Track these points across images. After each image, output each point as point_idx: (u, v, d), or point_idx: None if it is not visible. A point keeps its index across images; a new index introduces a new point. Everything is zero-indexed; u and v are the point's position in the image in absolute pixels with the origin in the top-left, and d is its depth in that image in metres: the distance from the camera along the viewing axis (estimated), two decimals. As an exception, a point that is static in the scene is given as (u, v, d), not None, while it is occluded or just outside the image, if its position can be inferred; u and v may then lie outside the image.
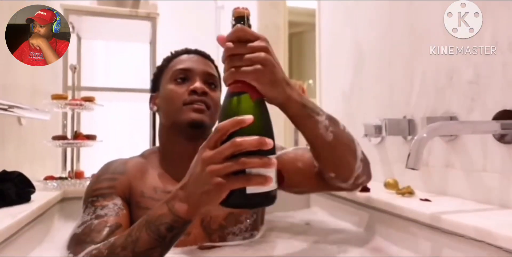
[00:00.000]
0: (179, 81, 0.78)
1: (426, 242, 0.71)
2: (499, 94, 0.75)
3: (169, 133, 0.79)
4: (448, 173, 0.86)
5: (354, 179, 0.68)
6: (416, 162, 0.63)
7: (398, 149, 1.06)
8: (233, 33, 0.52)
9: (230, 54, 0.52)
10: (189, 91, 0.76)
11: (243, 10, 0.52)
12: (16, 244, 0.69)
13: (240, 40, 0.52)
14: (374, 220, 0.87)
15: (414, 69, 0.99)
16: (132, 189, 0.76)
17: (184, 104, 0.75)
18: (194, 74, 0.78)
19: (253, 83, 0.52)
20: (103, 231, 0.64)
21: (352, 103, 1.31)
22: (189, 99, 0.75)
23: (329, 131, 0.63)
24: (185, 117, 0.74)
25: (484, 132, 0.74)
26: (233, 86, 0.52)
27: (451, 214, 0.67)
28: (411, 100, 1.01)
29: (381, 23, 1.15)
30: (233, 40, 0.52)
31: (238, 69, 0.51)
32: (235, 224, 0.76)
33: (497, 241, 0.55)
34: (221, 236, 0.75)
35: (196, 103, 0.75)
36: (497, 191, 0.74)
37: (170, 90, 0.77)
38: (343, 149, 0.66)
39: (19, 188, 0.84)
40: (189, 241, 0.73)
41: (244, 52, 0.52)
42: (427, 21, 0.95)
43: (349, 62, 1.33)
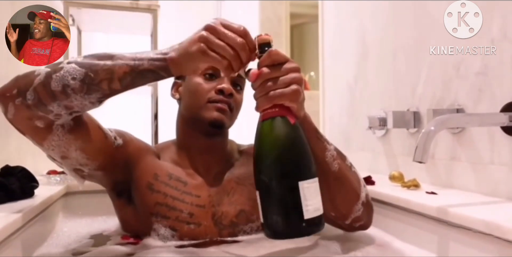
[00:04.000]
0: (207, 77, 0.76)
1: (432, 236, 0.70)
2: (507, 85, 0.73)
3: (188, 125, 0.79)
4: (454, 165, 0.86)
5: (352, 220, 0.69)
6: (424, 155, 0.62)
7: (403, 141, 1.05)
8: (269, 57, 0.53)
9: (267, 79, 0.53)
10: (216, 90, 0.74)
11: (267, 37, 0.54)
12: (21, 239, 0.69)
13: (274, 63, 0.54)
14: (379, 214, 0.86)
15: (419, 60, 0.98)
16: (145, 164, 0.75)
17: (209, 102, 0.74)
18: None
19: (291, 104, 0.54)
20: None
21: (356, 95, 1.30)
22: (215, 98, 0.74)
23: (336, 161, 0.66)
24: (208, 115, 0.74)
25: (492, 124, 0.73)
26: (271, 112, 0.53)
27: (458, 207, 0.67)
28: (416, 92, 0.99)
29: (386, 13, 1.13)
30: (268, 65, 0.53)
31: (277, 92, 0.53)
32: (246, 223, 0.76)
33: (505, 235, 0.54)
34: (231, 232, 0.75)
35: (221, 103, 0.74)
36: (504, 183, 0.73)
37: (198, 84, 0.76)
38: (346, 184, 0.68)
39: (22, 183, 0.83)
40: (200, 233, 0.73)
41: (279, 75, 0.53)
42: (432, 11, 0.93)
43: (353, 53, 1.31)
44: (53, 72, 0.58)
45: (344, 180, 0.67)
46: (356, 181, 0.69)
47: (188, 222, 0.72)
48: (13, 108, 0.59)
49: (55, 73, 0.58)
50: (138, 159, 0.75)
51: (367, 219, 0.72)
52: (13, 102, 0.59)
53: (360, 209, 0.69)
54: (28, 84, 0.58)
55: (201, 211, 0.74)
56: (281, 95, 0.53)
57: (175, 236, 0.72)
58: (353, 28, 1.32)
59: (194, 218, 0.73)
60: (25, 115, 0.60)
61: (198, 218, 0.73)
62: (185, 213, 0.72)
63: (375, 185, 0.93)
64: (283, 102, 0.53)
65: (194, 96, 0.76)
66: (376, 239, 0.77)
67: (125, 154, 0.74)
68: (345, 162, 0.69)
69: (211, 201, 0.75)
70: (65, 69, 0.57)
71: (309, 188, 0.50)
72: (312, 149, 0.59)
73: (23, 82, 0.59)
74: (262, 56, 0.54)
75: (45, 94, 0.58)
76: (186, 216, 0.72)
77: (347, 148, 1.36)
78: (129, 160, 0.74)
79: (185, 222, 0.72)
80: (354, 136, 1.33)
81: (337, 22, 1.47)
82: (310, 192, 0.50)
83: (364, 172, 1.11)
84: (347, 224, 0.70)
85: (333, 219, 0.71)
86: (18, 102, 0.59)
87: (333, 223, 0.73)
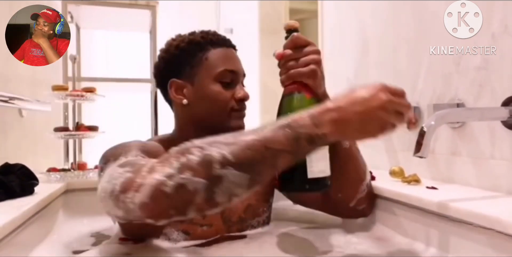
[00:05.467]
0: (225, 85, 0.75)
1: (433, 231, 0.70)
2: (508, 80, 0.73)
3: (203, 130, 0.66)
4: (454, 160, 0.85)
5: (356, 202, 0.74)
6: (424, 150, 0.62)
7: (403, 137, 1.05)
8: (291, 41, 0.62)
9: (289, 59, 0.61)
10: (237, 99, 0.75)
11: (294, 24, 0.63)
12: (21, 237, 0.69)
13: (296, 46, 0.62)
14: (380, 209, 0.86)
15: (420, 55, 0.97)
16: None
17: (232, 111, 0.75)
18: (239, 77, 0.77)
19: (308, 82, 0.61)
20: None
21: (356, 91, 1.30)
22: (238, 107, 0.75)
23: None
24: (234, 124, 0.74)
25: (492, 119, 0.73)
26: (291, 87, 0.61)
27: (459, 202, 0.66)
28: (416, 87, 0.99)
29: (386, 9, 1.12)
30: (290, 47, 0.62)
31: (296, 70, 0.60)
32: (253, 217, 0.77)
33: (507, 229, 0.54)
34: (239, 228, 0.76)
35: (242, 111, 0.76)
36: (505, 178, 0.73)
37: (218, 92, 0.74)
38: (355, 162, 0.73)
39: (22, 181, 0.83)
40: (211, 233, 0.73)
41: (300, 56, 0.61)
42: (432, 7, 0.92)
43: (353, 48, 1.31)
44: (213, 185, 0.47)
45: (353, 159, 0.73)
46: (363, 163, 0.75)
47: (201, 224, 0.72)
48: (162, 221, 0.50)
49: (216, 187, 0.47)
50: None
51: (369, 203, 0.76)
52: (168, 220, 0.49)
53: (364, 189, 0.74)
54: (186, 203, 0.47)
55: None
56: (299, 73, 0.60)
57: (187, 239, 0.71)
58: (353, 24, 1.31)
59: (207, 219, 0.73)
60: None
61: (210, 218, 0.73)
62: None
63: (375, 180, 0.93)
64: (301, 79, 0.61)
65: (215, 105, 0.74)
66: (376, 233, 0.77)
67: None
68: (355, 143, 0.73)
69: None
70: (227, 180, 0.47)
71: (316, 152, 0.55)
72: None
73: (178, 201, 0.47)
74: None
75: (208, 207, 0.48)
76: (199, 218, 0.72)
77: (348, 143, 1.36)
78: None
79: (199, 224, 0.72)
80: (354, 132, 1.32)
81: (336, 18, 1.46)
82: (317, 156, 0.57)
83: (364, 167, 1.11)
84: (351, 207, 0.74)
85: (339, 202, 0.73)
86: (173, 218, 0.49)
87: (337, 209, 0.75)
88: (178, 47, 0.76)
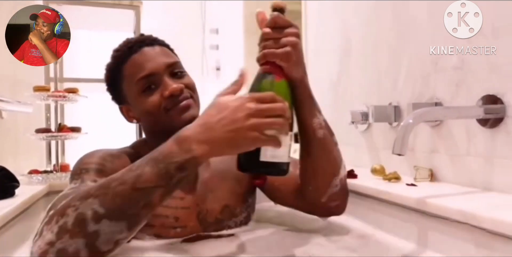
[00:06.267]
0: (148, 91, 0.71)
1: (412, 226, 0.72)
2: (483, 79, 0.75)
3: (159, 136, 0.65)
4: (433, 157, 0.88)
5: (328, 197, 0.70)
6: (402, 148, 0.64)
7: (384, 135, 1.07)
8: (271, 19, 0.59)
9: (266, 38, 0.59)
10: (165, 97, 0.70)
11: (279, 3, 0.61)
12: (2, 239, 0.68)
13: (275, 26, 0.59)
14: (361, 206, 0.88)
15: (400, 55, 1.00)
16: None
17: (167, 110, 0.70)
18: (159, 74, 0.72)
19: (281, 64, 0.59)
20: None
21: (339, 90, 1.32)
22: (171, 104, 0.70)
23: (322, 130, 0.67)
24: (176, 122, 0.67)
25: (468, 117, 0.75)
26: (264, 67, 0.59)
27: (436, 198, 0.68)
28: (397, 87, 1.01)
29: (367, 11, 1.14)
30: (270, 26, 0.59)
31: (270, 50, 0.58)
32: (230, 218, 0.76)
33: (481, 223, 0.56)
34: (216, 229, 0.74)
35: (181, 102, 0.70)
36: (480, 174, 0.76)
37: (144, 102, 0.71)
38: (328, 154, 0.69)
39: (2, 183, 0.82)
40: (185, 234, 0.72)
41: (279, 36, 0.59)
42: (412, 8, 0.95)
43: (336, 50, 1.32)
44: (93, 241, 0.48)
45: (327, 151, 0.69)
46: (338, 157, 0.70)
47: (174, 227, 0.71)
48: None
49: (96, 241, 0.49)
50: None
51: (342, 200, 0.72)
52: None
53: (337, 185, 0.70)
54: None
55: (186, 213, 0.72)
56: (273, 54, 0.58)
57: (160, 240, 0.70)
58: (335, 25, 1.33)
59: (180, 221, 0.71)
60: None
61: (184, 221, 0.72)
62: (171, 218, 0.70)
63: (357, 178, 0.94)
64: (274, 60, 0.58)
65: (151, 115, 0.72)
66: (357, 230, 0.79)
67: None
68: (332, 136, 0.70)
69: (195, 200, 0.74)
70: (104, 232, 0.48)
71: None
72: (302, 111, 0.66)
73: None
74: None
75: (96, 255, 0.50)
76: (171, 221, 0.70)
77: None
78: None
79: (171, 227, 0.71)
80: (337, 131, 1.32)
81: (320, 20, 1.48)
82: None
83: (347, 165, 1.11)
84: (323, 202, 0.70)
85: (310, 196, 0.70)
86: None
87: (310, 206, 0.72)
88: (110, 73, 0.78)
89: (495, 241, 0.55)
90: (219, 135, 0.50)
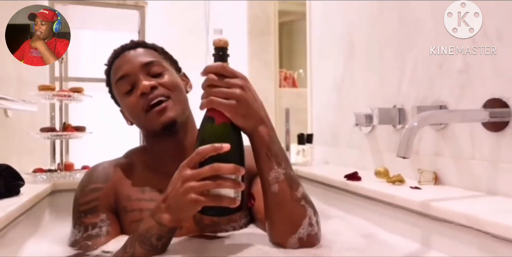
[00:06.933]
0: (128, 92, 0.74)
1: (416, 229, 0.72)
2: (488, 82, 0.75)
3: (150, 137, 0.80)
4: (438, 161, 0.88)
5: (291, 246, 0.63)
6: (407, 151, 0.64)
7: (388, 138, 1.07)
8: (215, 68, 0.59)
9: (209, 84, 0.59)
10: (137, 97, 0.71)
11: (220, 42, 0.59)
12: (7, 238, 0.68)
13: (219, 75, 0.59)
14: (365, 208, 0.88)
15: (404, 58, 1.00)
16: (117, 195, 0.75)
17: (146, 111, 0.72)
18: (134, 74, 0.73)
19: (226, 114, 0.59)
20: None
21: (343, 92, 1.32)
22: (146, 105, 0.71)
23: (278, 185, 0.62)
24: (155, 125, 0.71)
25: (473, 120, 0.75)
26: (209, 113, 0.59)
27: (440, 201, 0.68)
28: (401, 89, 1.01)
29: (372, 12, 1.14)
30: (215, 73, 0.59)
31: (216, 99, 0.58)
32: (228, 222, 0.75)
33: (484, 227, 0.56)
34: (212, 231, 0.74)
35: (156, 105, 0.71)
36: (485, 178, 0.75)
37: (127, 104, 0.74)
38: (283, 211, 0.62)
39: (7, 181, 0.83)
40: (182, 235, 0.72)
41: (222, 85, 0.59)
42: (417, 10, 0.95)
43: (340, 51, 1.32)
44: None
45: (282, 207, 0.62)
46: (298, 214, 0.63)
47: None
48: None
49: None
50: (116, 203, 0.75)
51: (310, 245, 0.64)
52: None
53: (295, 243, 0.62)
54: None
55: None
56: (218, 103, 0.58)
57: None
58: (340, 27, 1.33)
59: None
60: None
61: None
62: None
63: (361, 181, 0.94)
64: (219, 109, 0.58)
65: (133, 116, 0.75)
66: (361, 232, 0.79)
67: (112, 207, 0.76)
68: (294, 191, 0.63)
69: None
70: None
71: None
72: (257, 162, 0.64)
73: None
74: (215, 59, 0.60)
75: None
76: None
77: (335, 144, 1.38)
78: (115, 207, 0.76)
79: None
80: (341, 133, 1.34)
81: (324, 21, 1.48)
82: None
83: (351, 168, 1.12)
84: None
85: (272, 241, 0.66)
86: None
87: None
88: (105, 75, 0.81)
89: (499, 245, 0.55)
90: (171, 204, 0.57)
